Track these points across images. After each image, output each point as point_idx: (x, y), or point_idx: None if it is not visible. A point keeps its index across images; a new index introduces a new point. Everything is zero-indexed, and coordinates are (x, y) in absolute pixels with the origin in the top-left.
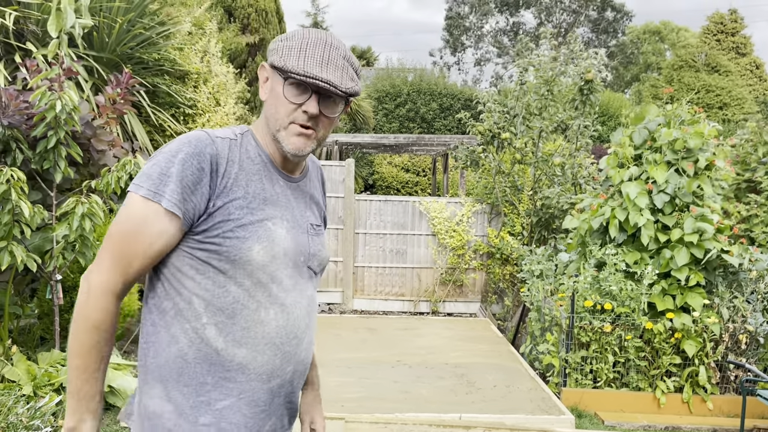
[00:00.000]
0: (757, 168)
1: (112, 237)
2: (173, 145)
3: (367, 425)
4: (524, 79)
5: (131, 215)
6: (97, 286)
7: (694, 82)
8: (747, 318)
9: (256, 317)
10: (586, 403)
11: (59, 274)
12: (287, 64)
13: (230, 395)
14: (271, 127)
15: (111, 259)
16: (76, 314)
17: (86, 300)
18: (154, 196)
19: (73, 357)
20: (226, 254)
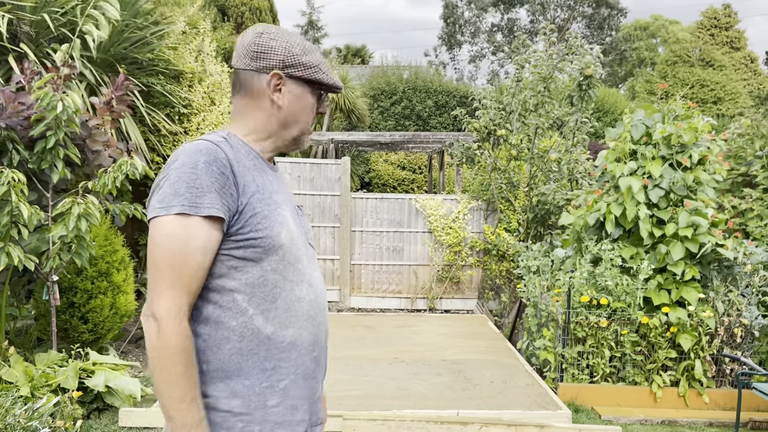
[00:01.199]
0: (752, 162)
1: (159, 265)
2: (186, 159)
3: (365, 422)
4: (520, 76)
5: (172, 236)
6: (165, 314)
7: (688, 77)
8: (742, 311)
9: (293, 296)
10: (583, 397)
11: (56, 274)
12: (322, 78)
13: (289, 373)
14: (289, 132)
15: (169, 285)
16: (154, 350)
17: (159, 331)
18: (191, 209)
19: (169, 390)
20: (261, 245)
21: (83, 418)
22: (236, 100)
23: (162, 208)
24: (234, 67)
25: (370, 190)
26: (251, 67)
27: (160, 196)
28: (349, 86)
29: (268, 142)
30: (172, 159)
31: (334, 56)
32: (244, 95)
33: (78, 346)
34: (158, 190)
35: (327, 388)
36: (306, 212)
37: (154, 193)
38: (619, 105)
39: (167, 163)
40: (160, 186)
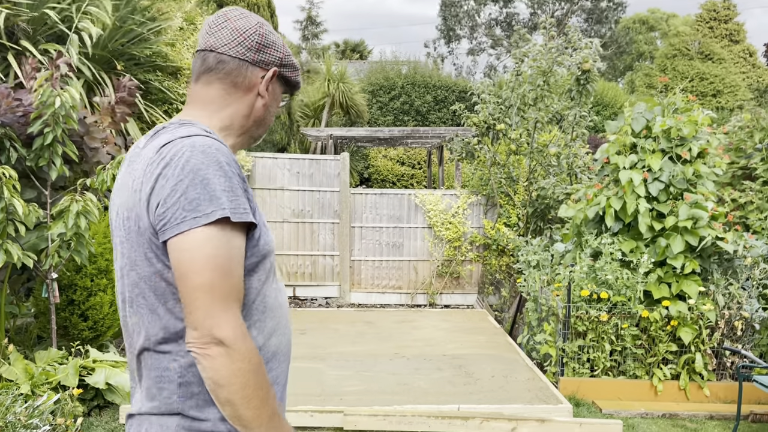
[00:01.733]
0: (753, 154)
1: (211, 284)
2: (204, 159)
3: (366, 418)
4: (520, 70)
5: (219, 247)
6: (235, 337)
7: (687, 71)
8: (742, 304)
9: (276, 304)
10: (584, 391)
11: (55, 272)
12: (299, 81)
13: (273, 383)
14: (259, 131)
15: (227, 305)
16: (235, 378)
17: (230, 358)
18: (234, 215)
19: (260, 413)
20: (261, 252)
21: (84, 415)
22: (212, 87)
23: (202, 216)
24: (216, 50)
25: (369, 186)
26: (247, 57)
27: (191, 204)
28: (348, 82)
29: (240, 139)
30: (181, 158)
31: (332, 51)
32: (226, 85)
33: (78, 344)
34: (181, 197)
35: (328, 383)
36: (306, 208)
37: (176, 199)
38: (618, 99)
39: (171, 162)
40: (180, 192)
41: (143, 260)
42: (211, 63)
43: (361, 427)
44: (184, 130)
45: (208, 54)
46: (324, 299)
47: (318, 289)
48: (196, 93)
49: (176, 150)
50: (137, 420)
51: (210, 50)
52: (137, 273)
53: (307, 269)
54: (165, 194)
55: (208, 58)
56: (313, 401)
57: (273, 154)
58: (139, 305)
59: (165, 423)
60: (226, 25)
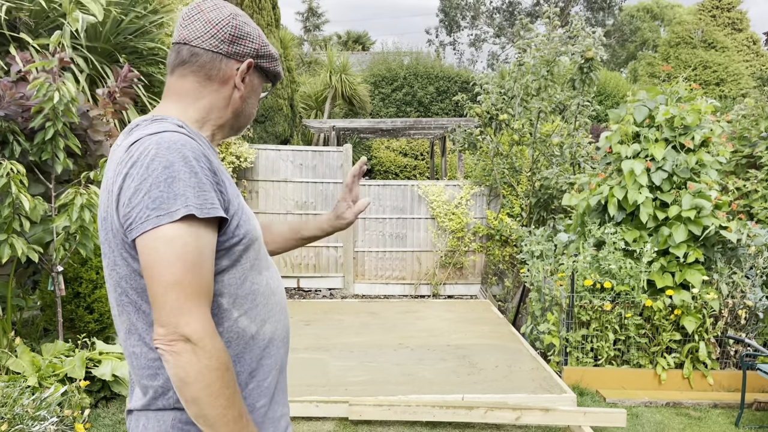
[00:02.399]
0: (757, 143)
1: (179, 281)
2: (169, 155)
3: (371, 408)
4: (522, 60)
5: (186, 245)
6: (199, 333)
7: (690, 59)
8: (746, 293)
9: (268, 290)
10: (588, 381)
11: (60, 265)
12: (279, 71)
13: (271, 370)
14: (239, 122)
15: (195, 302)
16: (199, 377)
17: (196, 355)
18: (200, 212)
19: (224, 414)
20: (243, 243)
21: (91, 406)
22: (186, 80)
23: (164, 215)
24: (190, 43)
25: (372, 177)
26: (220, 50)
27: (154, 203)
28: (350, 73)
29: (220, 130)
30: (147, 157)
31: (334, 43)
32: (200, 77)
33: (84, 336)
34: (144, 196)
35: (332, 374)
36: (309, 200)
37: (140, 199)
38: (620, 88)
39: (137, 161)
40: (143, 192)
41: (121, 260)
42: (184, 56)
43: (366, 416)
44: (154, 126)
45: (182, 47)
46: (328, 290)
47: (322, 281)
48: (171, 86)
49: (143, 148)
50: (135, 416)
51: (184, 43)
52: (117, 273)
53: (311, 260)
54: (130, 194)
55: (182, 51)
56: (319, 391)
57: (276, 146)
58: (123, 304)
59: (161, 418)
60: (199, 17)
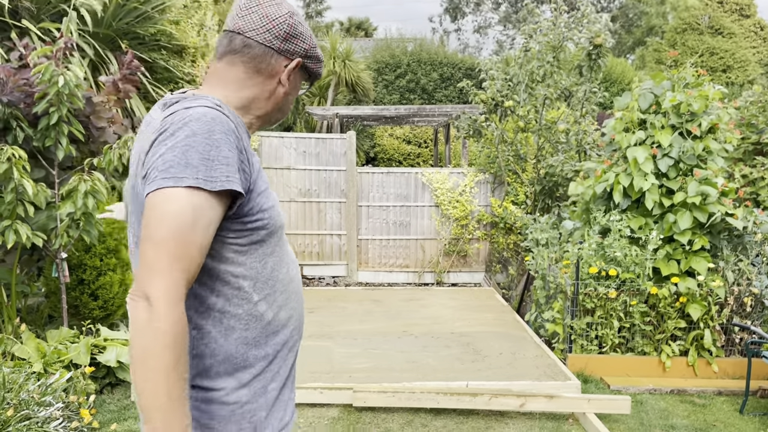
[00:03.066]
0: (764, 130)
1: (160, 243)
2: (197, 127)
3: (375, 395)
4: (528, 46)
5: (179, 211)
6: (161, 295)
7: (697, 45)
8: (752, 281)
9: (288, 277)
10: (592, 368)
11: (64, 252)
12: (321, 72)
13: (283, 355)
14: (277, 116)
15: (169, 265)
16: (141, 337)
17: (150, 316)
18: (205, 183)
19: (153, 387)
20: (267, 227)
21: (96, 392)
22: (234, 68)
23: (169, 179)
24: (244, 34)
25: (376, 165)
26: (273, 45)
27: (165, 165)
28: (353, 60)
29: (258, 120)
30: (175, 126)
31: (337, 29)
32: (249, 69)
33: (89, 323)
34: (159, 158)
35: (337, 361)
36: (313, 187)
37: (154, 161)
38: (626, 75)
39: (167, 129)
40: (160, 154)
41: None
42: (237, 45)
43: (370, 403)
44: (194, 101)
45: (235, 36)
46: (332, 278)
47: (325, 268)
48: (217, 71)
49: (176, 119)
50: None
51: (238, 33)
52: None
53: (315, 248)
54: (150, 155)
55: (235, 40)
56: (323, 378)
57: (279, 133)
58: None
59: None
60: (257, 10)
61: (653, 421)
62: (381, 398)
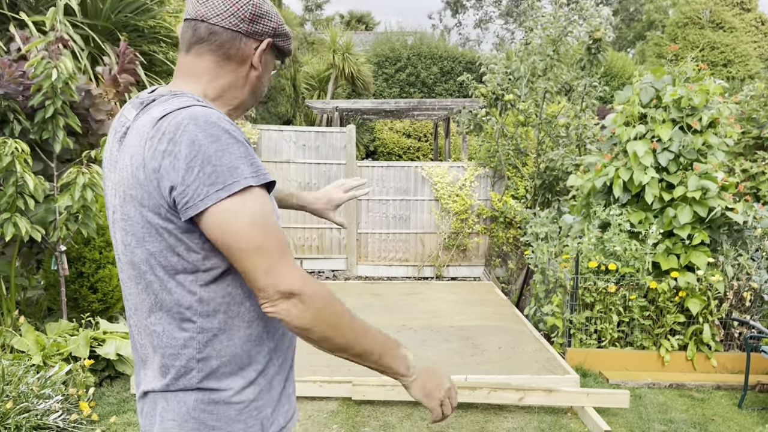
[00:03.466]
0: (765, 124)
1: (262, 246)
2: (210, 129)
3: (374, 388)
4: (529, 39)
5: (255, 211)
6: (297, 284)
7: (698, 40)
8: (752, 275)
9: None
10: (591, 362)
11: (63, 245)
12: (291, 49)
13: (285, 349)
14: (252, 100)
15: (279, 256)
16: (310, 321)
17: (304, 304)
18: (255, 180)
19: (352, 334)
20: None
21: (95, 385)
22: (203, 59)
23: (222, 189)
24: (208, 21)
25: (376, 159)
26: (240, 29)
27: (209, 178)
28: (353, 53)
29: (235, 111)
30: (180, 132)
31: (337, 22)
32: (219, 57)
33: (88, 316)
34: (199, 173)
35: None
36: (312, 181)
37: (188, 179)
38: (627, 69)
39: (171, 138)
40: (195, 169)
41: (154, 235)
42: (202, 34)
43: (369, 397)
44: (177, 101)
45: (199, 24)
46: (331, 272)
47: (325, 262)
48: (186, 65)
49: (177, 123)
50: (151, 398)
51: (201, 20)
52: (146, 249)
53: (314, 242)
54: (181, 173)
55: (199, 29)
56: (322, 371)
57: (279, 127)
58: (149, 281)
59: (182, 399)
60: None
61: (652, 415)
62: (380, 392)
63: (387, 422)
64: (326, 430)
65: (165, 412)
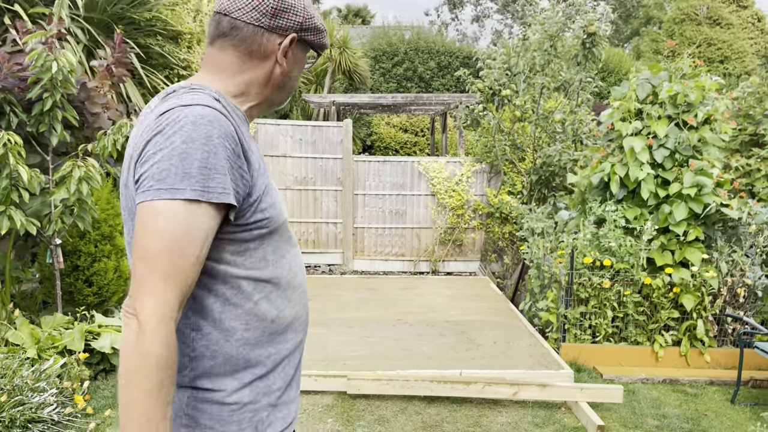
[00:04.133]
0: (761, 121)
1: (152, 257)
2: (194, 132)
3: (369, 382)
4: (526, 35)
5: (174, 224)
6: (152, 314)
7: (695, 36)
8: (746, 272)
9: (290, 274)
10: (585, 357)
11: (59, 238)
12: (326, 43)
13: (288, 353)
14: (279, 97)
15: (162, 280)
16: (128, 357)
17: (138, 336)
18: (203, 195)
19: (135, 407)
20: (267, 225)
21: (90, 379)
22: (226, 53)
23: (166, 190)
24: (230, 15)
25: (372, 153)
26: (262, 23)
27: (160, 174)
28: (350, 47)
29: (258, 107)
30: (170, 128)
31: (334, 16)
32: (241, 52)
33: (83, 309)
34: (153, 165)
35: (331, 349)
36: (309, 175)
37: (149, 167)
38: (624, 65)
39: (162, 131)
40: (155, 160)
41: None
42: (224, 28)
43: (364, 391)
44: (189, 96)
45: (222, 18)
46: (327, 266)
47: (321, 256)
48: (210, 57)
49: (173, 119)
50: None
51: (224, 14)
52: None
53: (311, 236)
54: (143, 159)
55: (222, 23)
56: (317, 366)
57: (275, 121)
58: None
59: (176, 395)
60: None
61: (645, 410)
62: (375, 386)
63: (382, 416)
64: (321, 424)
65: None
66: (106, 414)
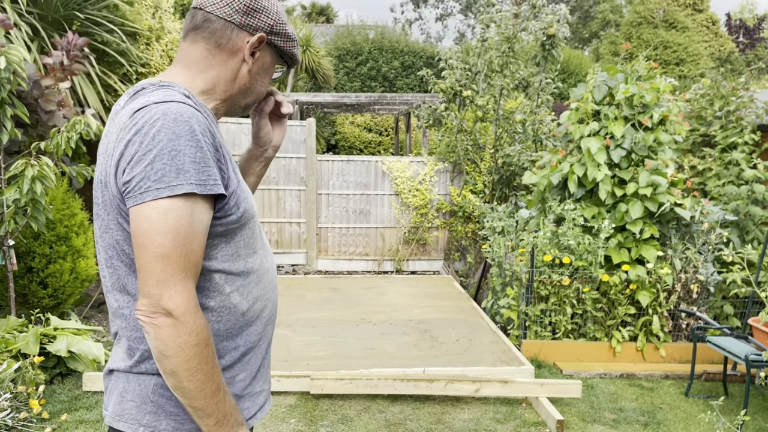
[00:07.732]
0: (712, 122)
1: (168, 254)
2: (176, 128)
3: (332, 382)
4: (486, 36)
5: (180, 219)
6: (182, 308)
7: (652, 39)
8: (698, 268)
9: (262, 269)
10: (546, 353)
11: (11, 239)
12: (296, 53)
13: (255, 346)
14: (244, 100)
15: (181, 276)
16: (179, 352)
17: (176, 329)
18: (199, 188)
19: (203, 388)
20: (242, 220)
21: (46, 383)
22: (196, 46)
23: (165, 188)
24: (205, 9)
25: (336, 153)
26: (234, 20)
27: (156, 174)
28: (314, 46)
29: (224, 104)
30: (151, 126)
31: (298, 14)
32: (210, 44)
33: (38, 312)
34: (147, 166)
35: (295, 349)
36: (272, 175)
37: (142, 169)
38: (583, 66)
39: (142, 130)
40: (146, 162)
41: (115, 224)
42: (198, 21)
43: (327, 391)
44: (160, 93)
45: (197, 12)
46: (291, 266)
47: (285, 257)
48: (182, 51)
49: (149, 116)
50: (115, 376)
51: (200, 8)
52: (111, 236)
53: (274, 236)
54: (132, 162)
55: (196, 16)
56: (280, 366)
57: (237, 119)
58: (115, 266)
59: (143, 382)
60: None
61: (603, 404)
62: (338, 385)
63: (345, 415)
64: (284, 424)
65: (125, 392)
66: (62, 418)
